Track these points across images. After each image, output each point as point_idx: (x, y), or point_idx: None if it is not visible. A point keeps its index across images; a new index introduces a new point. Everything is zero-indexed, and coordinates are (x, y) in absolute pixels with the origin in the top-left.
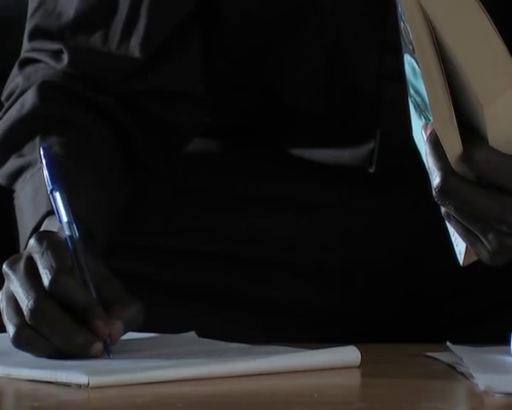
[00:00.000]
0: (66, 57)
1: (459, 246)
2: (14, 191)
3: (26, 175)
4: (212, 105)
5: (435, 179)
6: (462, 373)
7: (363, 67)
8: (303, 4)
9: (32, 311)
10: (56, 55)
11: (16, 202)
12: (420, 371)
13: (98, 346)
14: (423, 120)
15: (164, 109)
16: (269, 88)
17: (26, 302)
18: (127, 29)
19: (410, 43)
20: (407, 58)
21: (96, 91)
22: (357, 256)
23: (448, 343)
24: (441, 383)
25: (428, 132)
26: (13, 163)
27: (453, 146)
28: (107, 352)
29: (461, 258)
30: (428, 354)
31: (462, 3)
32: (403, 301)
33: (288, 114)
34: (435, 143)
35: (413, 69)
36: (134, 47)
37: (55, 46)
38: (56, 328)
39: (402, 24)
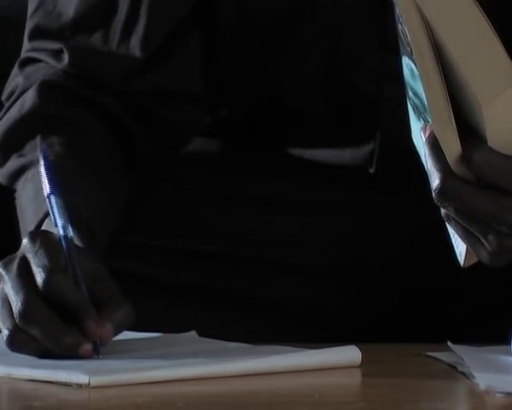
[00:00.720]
0: (66, 57)
1: (459, 247)
2: (15, 191)
3: (28, 175)
4: (212, 104)
5: (434, 181)
6: (462, 373)
7: (362, 66)
8: (301, 4)
9: (21, 313)
10: (57, 54)
11: (17, 202)
12: (420, 370)
13: (87, 347)
14: (422, 121)
15: (164, 109)
16: (268, 88)
17: (15, 304)
18: (127, 28)
19: (408, 45)
20: (405, 60)
21: (96, 91)
22: (357, 256)
23: (449, 343)
24: (442, 382)
25: (427, 134)
26: (14, 163)
27: (452, 147)
28: (96, 352)
29: (461, 259)
30: (429, 353)
31: (459, 4)
32: (403, 300)
33: (288, 113)
34: (434, 145)
35: (411, 71)
36: (134, 46)
37: (56, 46)
38: (45, 329)
39: (399, 26)
